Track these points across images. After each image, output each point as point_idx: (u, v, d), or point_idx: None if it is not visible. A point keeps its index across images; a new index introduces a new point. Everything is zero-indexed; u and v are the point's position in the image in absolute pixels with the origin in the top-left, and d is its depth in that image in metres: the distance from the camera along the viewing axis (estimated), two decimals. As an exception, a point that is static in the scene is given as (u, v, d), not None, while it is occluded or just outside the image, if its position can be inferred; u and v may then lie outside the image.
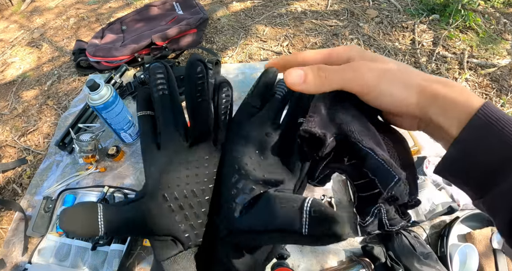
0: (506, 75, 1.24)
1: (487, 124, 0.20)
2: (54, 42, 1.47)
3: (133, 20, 1.39)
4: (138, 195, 0.24)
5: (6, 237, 0.79)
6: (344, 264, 0.70)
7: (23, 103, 1.18)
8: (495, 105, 0.21)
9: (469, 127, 0.21)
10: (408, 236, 0.69)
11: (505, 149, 0.20)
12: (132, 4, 1.67)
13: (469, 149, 0.21)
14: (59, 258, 0.73)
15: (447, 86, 0.22)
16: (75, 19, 1.61)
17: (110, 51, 1.17)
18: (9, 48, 1.47)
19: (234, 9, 1.56)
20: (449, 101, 0.22)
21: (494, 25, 1.48)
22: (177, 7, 1.42)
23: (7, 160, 1.01)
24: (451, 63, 1.28)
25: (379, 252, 0.68)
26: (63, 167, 0.92)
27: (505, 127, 0.20)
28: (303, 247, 0.72)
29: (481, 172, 0.21)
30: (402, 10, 1.54)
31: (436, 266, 0.63)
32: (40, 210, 0.78)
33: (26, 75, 1.30)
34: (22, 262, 0.74)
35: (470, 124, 0.21)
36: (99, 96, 0.77)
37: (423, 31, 1.43)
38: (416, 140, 0.87)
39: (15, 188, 0.93)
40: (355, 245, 0.74)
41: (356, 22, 1.46)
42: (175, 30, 1.21)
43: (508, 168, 0.20)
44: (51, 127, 1.08)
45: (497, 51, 1.35)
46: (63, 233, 0.77)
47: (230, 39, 1.37)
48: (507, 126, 0.20)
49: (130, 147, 0.95)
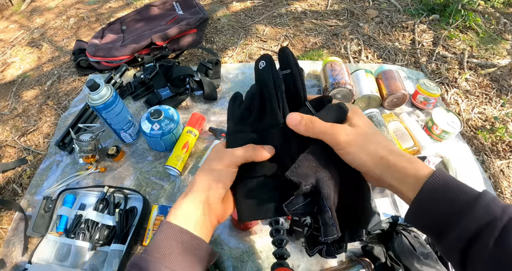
0: (506, 75, 1.24)
1: (435, 189, 0.27)
2: (54, 42, 1.47)
3: (133, 20, 1.39)
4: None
5: (6, 237, 0.79)
6: (344, 264, 0.70)
7: (23, 103, 1.18)
8: (444, 171, 0.28)
9: (421, 192, 0.27)
10: (408, 236, 0.69)
11: (450, 206, 0.26)
12: (132, 4, 1.67)
13: (424, 207, 0.28)
14: (59, 258, 0.73)
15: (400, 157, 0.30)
16: (75, 19, 1.61)
17: (110, 51, 1.17)
18: (9, 48, 1.47)
19: (234, 9, 1.56)
20: (402, 171, 0.29)
21: (494, 25, 1.48)
22: (177, 7, 1.42)
23: (7, 160, 1.01)
24: (451, 63, 1.28)
25: (379, 252, 0.68)
26: (63, 167, 0.92)
27: (449, 190, 0.26)
28: (303, 247, 0.72)
29: (435, 224, 0.27)
30: (402, 10, 1.54)
31: (436, 266, 0.63)
32: (40, 210, 0.78)
33: (26, 75, 1.30)
34: (22, 262, 0.74)
35: (422, 189, 0.27)
36: (99, 96, 0.77)
37: (423, 31, 1.43)
38: (416, 140, 0.87)
39: (15, 188, 0.93)
40: (355, 245, 0.74)
41: (356, 22, 1.46)
42: (175, 30, 1.21)
43: (452, 220, 0.26)
44: (51, 127, 1.08)
45: (497, 51, 1.35)
46: (63, 233, 0.77)
47: (230, 39, 1.37)
48: (450, 190, 0.26)
49: (130, 147, 0.95)
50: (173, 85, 1.06)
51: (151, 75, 1.07)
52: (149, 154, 0.93)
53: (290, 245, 0.72)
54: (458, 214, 0.25)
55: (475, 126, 1.08)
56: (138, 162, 0.91)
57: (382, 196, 0.77)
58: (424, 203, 0.27)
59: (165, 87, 1.05)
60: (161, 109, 0.87)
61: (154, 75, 1.07)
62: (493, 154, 1.01)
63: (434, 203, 0.27)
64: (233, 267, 0.70)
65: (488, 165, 0.97)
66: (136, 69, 1.22)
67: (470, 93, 1.18)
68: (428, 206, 0.27)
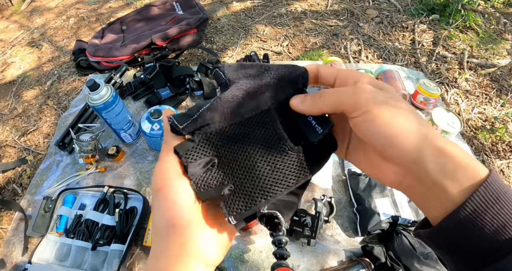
0: (506, 75, 1.24)
1: (494, 198, 0.18)
2: (54, 42, 1.47)
3: (133, 20, 1.39)
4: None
5: (6, 237, 0.79)
6: (344, 264, 0.70)
7: (23, 103, 1.18)
8: (497, 175, 0.19)
9: (475, 198, 0.18)
10: (408, 236, 0.69)
11: (505, 229, 0.18)
12: (132, 4, 1.67)
13: (471, 223, 0.18)
14: (59, 258, 0.73)
15: (454, 146, 0.20)
16: (75, 19, 1.61)
17: (110, 51, 1.17)
18: (9, 48, 1.47)
19: (234, 9, 1.56)
20: (459, 162, 0.19)
21: (494, 25, 1.48)
22: (177, 7, 1.42)
23: (7, 160, 1.01)
24: (451, 63, 1.28)
25: (379, 252, 0.68)
26: (63, 167, 0.92)
27: (506, 204, 0.18)
28: (303, 247, 0.72)
29: (474, 248, 0.19)
30: (402, 10, 1.54)
31: (436, 266, 0.63)
32: (40, 210, 0.78)
33: (26, 75, 1.30)
34: (22, 262, 0.74)
35: (476, 194, 0.18)
36: (99, 96, 0.77)
37: (423, 31, 1.43)
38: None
39: (15, 188, 0.93)
40: (355, 245, 0.74)
41: (356, 22, 1.46)
42: (175, 30, 1.21)
43: (502, 249, 0.18)
44: (51, 127, 1.08)
45: (497, 51, 1.35)
46: (63, 233, 0.77)
47: (230, 39, 1.37)
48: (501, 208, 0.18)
49: (130, 147, 0.95)
50: (173, 85, 1.06)
51: (151, 75, 1.07)
52: (149, 154, 0.93)
53: (290, 245, 0.72)
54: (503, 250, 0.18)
55: (475, 126, 1.08)
56: (138, 162, 0.91)
57: (382, 196, 0.77)
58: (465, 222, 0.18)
59: (165, 87, 1.05)
60: (161, 109, 0.87)
61: (154, 75, 1.07)
62: (493, 154, 1.01)
63: (476, 224, 0.18)
64: (233, 267, 0.70)
65: (488, 165, 0.97)
66: (136, 69, 1.22)
67: (470, 93, 1.18)
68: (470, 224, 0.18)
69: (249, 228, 0.75)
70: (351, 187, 0.80)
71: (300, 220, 0.71)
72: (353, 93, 0.21)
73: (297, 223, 0.71)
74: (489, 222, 0.18)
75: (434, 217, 0.20)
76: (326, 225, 0.76)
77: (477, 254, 0.19)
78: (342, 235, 0.75)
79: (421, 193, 0.21)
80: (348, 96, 0.21)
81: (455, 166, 0.19)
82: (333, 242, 0.74)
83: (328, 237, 0.75)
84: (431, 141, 0.19)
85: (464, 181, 0.19)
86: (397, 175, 0.22)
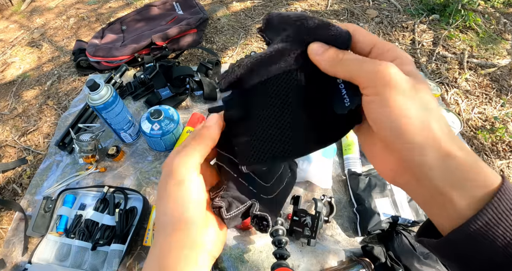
0: (506, 75, 1.24)
1: (508, 209, 0.17)
2: (54, 42, 1.47)
3: (133, 20, 1.39)
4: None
5: (6, 237, 0.79)
6: (344, 264, 0.70)
7: (23, 103, 1.18)
8: (509, 182, 0.18)
9: (488, 211, 0.17)
10: (408, 236, 0.69)
11: (504, 249, 0.17)
12: (132, 4, 1.67)
13: (482, 236, 0.17)
14: (59, 258, 0.73)
15: (463, 149, 0.18)
16: (75, 19, 1.61)
17: (110, 51, 1.17)
18: (9, 48, 1.47)
19: (234, 9, 1.56)
20: (468, 169, 0.18)
21: (494, 25, 1.48)
22: (177, 7, 1.42)
23: (7, 160, 1.01)
24: (451, 63, 1.28)
25: (379, 252, 0.68)
26: (63, 167, 0.92)
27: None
28: (303, 247, 0.72)
29: (485, 261, 0.18)
30: (402, 10, 1.54)
31: (436, 266, 0.63)
32: (40, 210, 0.78)
33: (26, 75, 1.30)
34: (22, 262, 0.74)
35: (489, 206, 0.17)
36: (99, 96, 0.77)
37: (423, 31, 1.43)
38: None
39: (15, 188, 0.93)
40: (355, 245, 0.74)
41: (356, 22, 1.46)
42: (175, 30, 1.21)
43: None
44: (51, 127, 1.08)
45: (497, 51, 1.35)
46: (63, 233, 0.77)
47: (230, 39, 1.37)
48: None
49: (130, 147, 0.95)
50: (173, 85, 1.06)
51: (151, 75, 1.07)
52: (149, 154, 0.93)
53: (290, 245, 0.72)
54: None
55: (475, 126, 1.08)
56: (138, 162, 0.91)
57: (382, 196, 0.77)
58: (475, 235, 0.17)
59: (165, 87, 1.05)
60: (161, 109, 0.87)
61: (154, 75, 1.07)
62: (493, 154, 1.01)
63: (488, 238, 0.17)
64: (233, 267, 0.70)
65: (488, 165, 0.97)
66: (136, 69, 1.22)
67: (470, 93, 1.18)
68: (481, 238, 0.17)
69: (249, 228, 0.75)
70: (351, 187, 0.80)
71: (300, 220, 0.71)
72: (375, 68, 0.19)
73: (297, 223, 0.71)
74: (502, 235, 0.17)
75: (440, 225, 0.19)
76: (326, 225, 0.76)
77: (489, 268, 0.18)
78: (342, 235, 0.75)
79: (422, 195, 0.20)
80: (368, 70, 0.19)
81: (463, 174, 0.17)
82: (333, 242, 0.74)
83: (328, 237, 0.75)
84: (439, 142, 0.18)
85: (474, 191, 0.17)
86: (394, 172, 0.21)
